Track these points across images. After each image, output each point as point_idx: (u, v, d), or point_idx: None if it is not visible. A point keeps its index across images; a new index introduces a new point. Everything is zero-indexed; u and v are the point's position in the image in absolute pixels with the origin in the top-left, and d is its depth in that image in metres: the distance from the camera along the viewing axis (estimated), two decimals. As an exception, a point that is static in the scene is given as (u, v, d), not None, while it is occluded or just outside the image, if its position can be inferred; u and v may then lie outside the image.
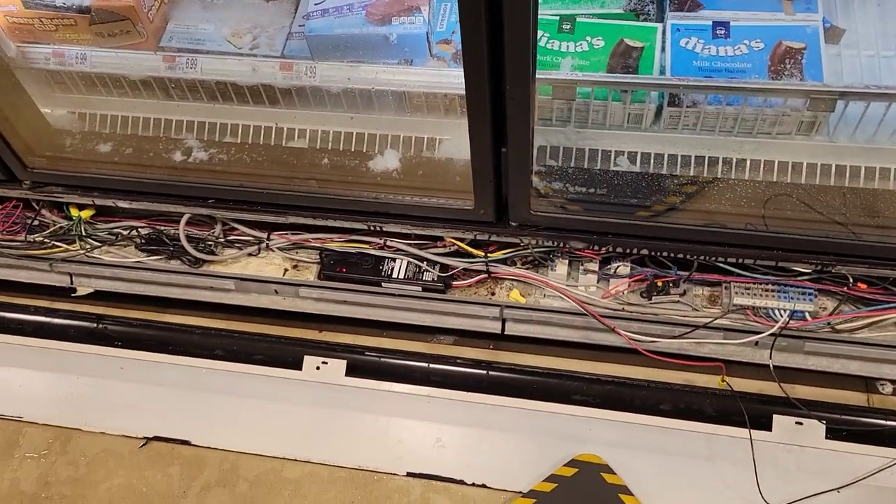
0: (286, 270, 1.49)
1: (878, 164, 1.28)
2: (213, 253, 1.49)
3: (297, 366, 1.59)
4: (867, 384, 1.50)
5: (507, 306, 1.43)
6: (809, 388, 1.50)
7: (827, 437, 1.42)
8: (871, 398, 1.50)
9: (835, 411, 1.44)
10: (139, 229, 1.52)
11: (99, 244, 1.53)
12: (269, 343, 1.64)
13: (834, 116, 1.27)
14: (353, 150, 1.39)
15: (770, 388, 1.47)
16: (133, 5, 1.29)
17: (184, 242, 1.46)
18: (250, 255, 1.50)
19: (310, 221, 1.40)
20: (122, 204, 1.46)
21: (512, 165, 1.19)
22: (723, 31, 1.35)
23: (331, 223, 1.40)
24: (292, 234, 1.47)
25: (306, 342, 1.63)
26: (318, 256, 1.47)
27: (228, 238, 1.50)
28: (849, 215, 1.24)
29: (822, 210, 1.24)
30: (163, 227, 1.51)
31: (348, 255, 1.45)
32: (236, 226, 1.49)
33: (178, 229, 1.47)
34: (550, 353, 1.58)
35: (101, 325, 1.68)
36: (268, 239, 1.48)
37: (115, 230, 1.53)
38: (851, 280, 1.29)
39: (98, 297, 1.70)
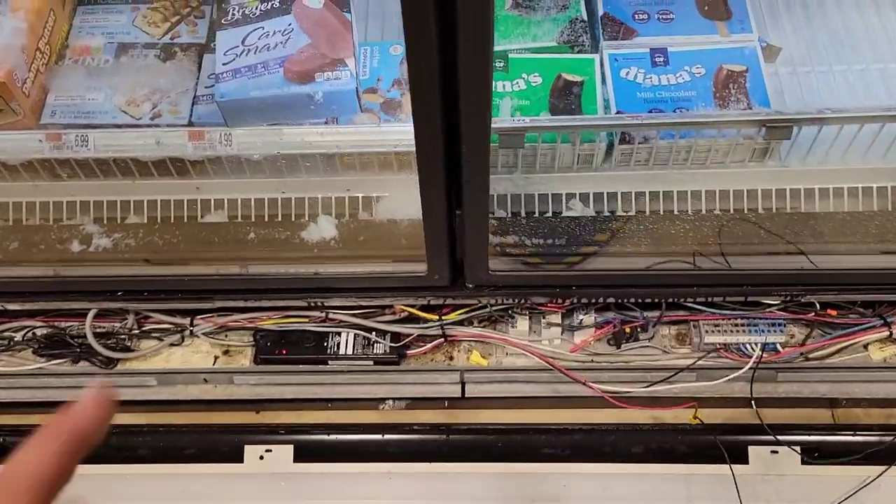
0: (216, 358, 1.32)
1: (830, 185, 1.25)
2: (127, 349, 1.30)
3: (238, 457, 1.42)
4: (831, 400, 1.48)
5: (468, 370, 1.33)
6: (775, 410, 1.47)
7: (803, 463, 1.39)
8: (836, 413, 1.49)
9: (806, 433, 1.41)
10: (35, 330, 1.32)
11: (-13, 352, 1.32)
12: (201, 434, 1.46)
13: (786, 141, 1.24)
14: (280, 219, 1.24)
15: (739, 415, 1.44)
16: (3, 80, 1.10)
17: (92, 342, 1.27)
18: (173, 344, 1.32)
19: (241, 304, 1.25)
20: (12, 307, 1.26)
21: (468, 228, 1.08)
22: (661, 59, 1.29)
23: (265, 303, 1.25)
24: (219, 315, 1.31)
25: (244, 428, 1.46)
26: (252, 338, 1.32)
27: (144, 329, 1.32)
28: (812, 244, 1.21)
29: (789, 239, 1.20)
30: (65, 324, 1.31)
31: (287, 333, 1.30)
32: (152, 314, 1.31)
33: (83, 326, 1.28)
34: (511, 406, 1.49)
35: (-4, 438, 1.45)
36: (191, 325, 1.31)
37: (6, 333, 1.32)
38: (819, 306, 1.26)
39: (-9, 406, 1.47)
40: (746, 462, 1.39)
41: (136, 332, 1.31)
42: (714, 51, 1.29)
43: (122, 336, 1.30)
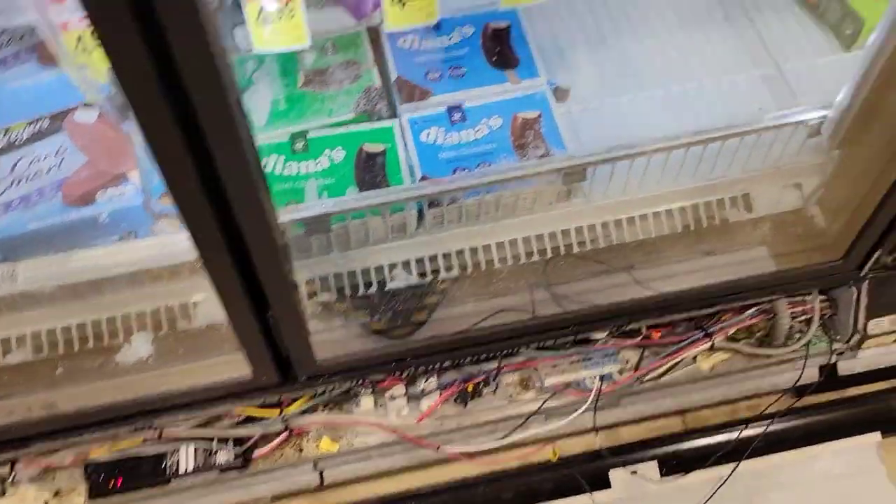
0: (46, 503, 1.22)
1: (636, 213, 1.30)
2: (-59, 514, 1.19)
3: None
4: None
5: (321, 458, 1.29)
6: (630, 427, 1.51)
7: (662, 476, 1.43)
8: (686, 418, 1.55)
9: (659, 446, 1.46)
10: None
11: None
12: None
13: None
14: (91, 345, 1.16)
15: (596, 441, 1.47)
16: None
17: None
18: (-6, 498, 1.22)
19: (59, 445, 1.16)
20: None
21: (284, 328, 1.05)
22: (459, 115, 1.31)
23: (87, 437, 1.17)
24: (43, 456, 1.21)
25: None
26: (83, 473, 1.23)
27: (-42, 487, 1.21)
28: (630, 272, 1.25)
29: (609, 268, 1.24)
30: None
31: (121, 461, 1.22)
32: (-35, 470, 1.20)
33: None
34: (379, 477, 1.46)
35: None
36: (11, 472, 1.21)
37: None
38: (644, 330, 1.31)
39: None
40: (609, 486, 1.42)
41: (-51, 492, 1.20)
42: (508, 101, 1.32)
43: (-67, 500, 1.19)
